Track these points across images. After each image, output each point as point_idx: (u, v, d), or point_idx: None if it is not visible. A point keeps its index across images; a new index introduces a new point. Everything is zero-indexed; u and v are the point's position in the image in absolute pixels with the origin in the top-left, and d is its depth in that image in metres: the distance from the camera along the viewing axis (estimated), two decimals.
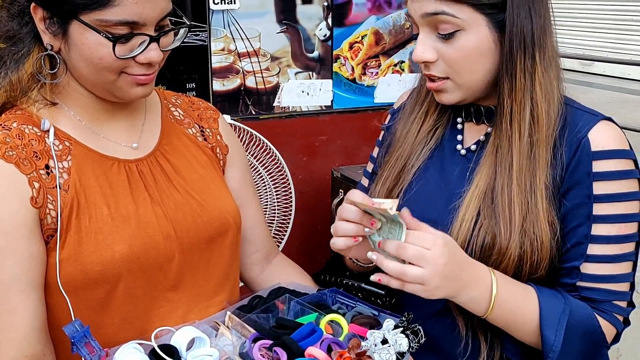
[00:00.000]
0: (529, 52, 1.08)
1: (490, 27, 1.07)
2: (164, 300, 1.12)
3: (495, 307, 1.04)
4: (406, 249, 0.98)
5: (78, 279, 1.03)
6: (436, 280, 0.98)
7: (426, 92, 1.24)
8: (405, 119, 1.26)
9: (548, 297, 1.07)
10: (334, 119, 2.59)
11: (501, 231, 1.08)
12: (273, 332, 1.04)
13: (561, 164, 1.09)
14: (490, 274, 1.05)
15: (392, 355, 0.98)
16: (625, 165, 1.08)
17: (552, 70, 1.11)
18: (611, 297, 1.09)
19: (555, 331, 1.04)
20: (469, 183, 1.14)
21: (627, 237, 1.08)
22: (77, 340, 0.97)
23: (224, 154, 1.27)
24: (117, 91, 1.08)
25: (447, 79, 1.11)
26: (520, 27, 1.07)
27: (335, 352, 0.99)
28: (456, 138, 1.22)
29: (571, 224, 1.09)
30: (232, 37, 2.36)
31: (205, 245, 1.16)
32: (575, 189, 1.08)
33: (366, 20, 2.53)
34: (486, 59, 1.09)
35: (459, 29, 1.06)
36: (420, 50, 1.10)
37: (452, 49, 1.08)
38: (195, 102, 1.30)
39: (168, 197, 1.13)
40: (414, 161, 1.22)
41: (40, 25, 1.04)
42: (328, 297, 1.17)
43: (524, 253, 1.07)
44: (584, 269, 1.08)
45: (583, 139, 1.08)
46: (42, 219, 1.03)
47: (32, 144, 1.05)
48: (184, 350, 1.03)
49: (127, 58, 1.02)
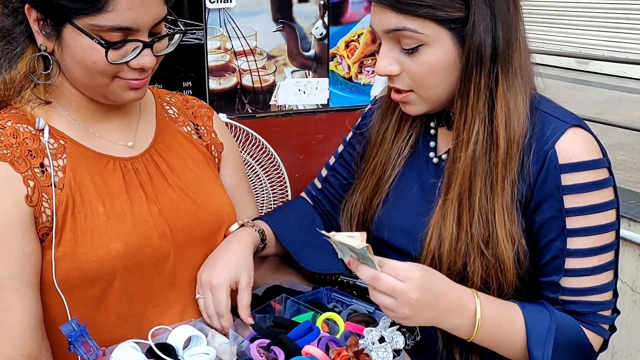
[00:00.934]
0: (486, 69, 1.04)
1: (454, 42, 1.04)
2: (160, 298, 1.12)
3: (480, 331, 1.03)
4: (380, 281, 0.96)
5: (74, 277, 1.03)
6: (405, 311, 0.97)
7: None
8: (378, 126, 1.24)
9: (533, 314, 1.06)
10: (330, 117, 2.58)
11: (462, 254, 1.06)
12: (270, 331, 1.04)
13: (529, 178, 1.06)
14: (474, 297, 1.04)
15: (389, 353, 0.99)
16: (597, 175, 1.05)
17: (518, 84, 1.06)
18: (595, 309, 1.07)
19: (543, 349, 1.03)
20: (438, 196, 1.12)
21: (604, 248, 1.06)
22: (75, 340, 0.97)
23: (219, 151, 1.27)
24: (110, 95, 1.08)
25: (411, 91, 1.08)
26: (479, 43, 1.02)
27: (333, 350, 0.99)
28: (429, 145, 1.19)
29: (545, 238, 1.07)
30: (228, 36, 2.36)
31: (200, 243, 1.16)
32: (546, 203, 1.06)
33: (362, 18, 2.53)
34: (450, 73, 1.06)
35: (422, 43, 1.03)
36: (383, 64, 1.07)
37: (415, 64, 1.05)
38: (190, 100, 1.30)
39: (163, 195, 1.13)
40: (390, 171, 1.20)
41: (34, 26, 1.04)
42: (323, 296, 1.17)
43: (488, 276, 1.06)
44: (564, 282, 1.07)
45: (550, 151, 1.04)
46: (37, 218, 1.03)
47: (26, 142, 1.05)
48: (181, 348, 1.03)
49: (120, 63, 1.02)
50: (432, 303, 0.99)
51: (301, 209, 1.35)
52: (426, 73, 1.05)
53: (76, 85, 1.09)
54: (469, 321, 1.03)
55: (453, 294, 1.02)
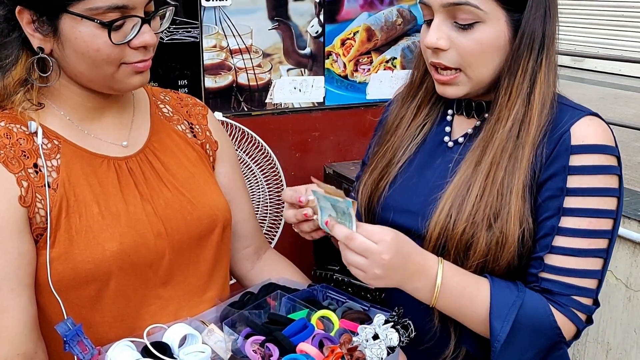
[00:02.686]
0: (534, 55, 1.08)
1: (507, 24, 1.08)
2: (155, 297, 1.12)
3: (440, 297, 1.05)
4: (353, 240, 1.00)
5: (69, 277, 1.03)
6: (376, 272, 1.00)
7: (417, 86, 1.24)
8: (396, 112, 1.27)
9: (500, 289, 1.07)
10: (326, 115, 2.59)
11: (469, 226, 1.08)
12: (265, 328, 1.05)
13: (541, 159, 1.09)
14: (438, 264, 1.06)
15: (382, 350, 0.99)
16: (605, 160, 1.07)
17: (552, 75, 1.11)
18: (570, 292, 1.07)
19: (503, 322, 1.04)
20: (452, 174, 1.14)
21: (597, 232, 1.07)
22: (70, 339, 0.97)
23: (214, 150, 1.27)
24: (116, 84, 1.07)
25: (459, 71, 1.11)
26: (533, 29, 1.07)
27: (327, 348, 0.99)
28: (444, 130, 1.22)
29: (542, 216, 1.09)
30: (224, 34, 2.36)
31: (195, 242, 1.16)
32: (550, 182, 1.08)
33: (358, 16, 2.53)
34: (498, 54, 1.09)
35: (479, 20, 1.06)
36: (435, 36, 1.09)
37: (468, 40, 1.07)
38: (184, 99, 1.30)
39: (158, 195, 1.13)
40: (400, 156, 1.23)
41: (28, 29, 1.03)
42: (319, 293, 1.18)
43: (489, 249, 1.08)
44: (547, 259, 1.07)
45: (565, 133, 1.08)
46: (31, 218, 1.03)
47: (20, 142, 1.05)
48: (176, 347, 1.03)
49: (123, 44, 1.02)
50: (401, 266, 1.02)
51: None
52: (477, 50, 1.08)
53: (79, 80, 1.08)
54: (429, 285, 1.06)
55: (419, 259, 1.05)
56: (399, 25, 2.60)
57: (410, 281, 1.05)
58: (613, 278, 2.35)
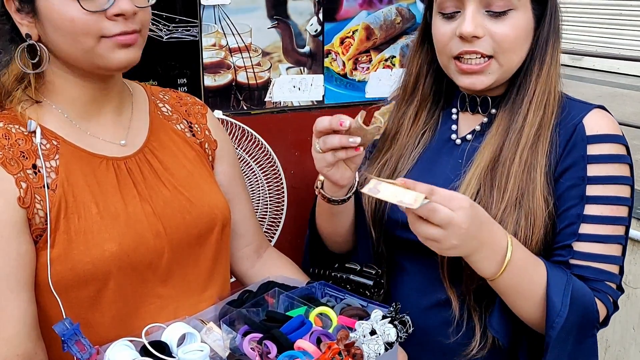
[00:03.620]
0: (557, 45, 1.15)
1: (533, 12, 1.13)
2: (154, 296, 1.12)
3: (505, 272, 1.05)
4: (437, 212, 0.97)
5: (68, 277, 1.03)
6: (454, 242, 0.99)
7: (411, 91, 1.25)
8: (393, 118, 1.27)
9: (554, 268, 1.09)
10: (325, 113, 2.56)
11: (498, 205, 1.10)
12: (263, 325, 1.05)
13: (557, 148, 1.12)
14: (507, 237, 1.06)
15: (380, 345, 0.99)
16: (618, 149, 1.12)
17: (559, 67, 1.17)
18: (603, 277, 1.10)
19: (562, 297, 1.05)
20: (469, 164, 1.16)
21: (617, 219, 1.11)
22: (68, 338, 0.97)
23: (213, 149, 1.27)
24: (100, 59, 1.03)
25: (491, 58, 1.13)
26: (555, 19, 1.14)
27: (324, 344, 1.00)
28: (451, 128, 1.24)
29: (565, 205, 1.12)
30: (223, 33, 2.36)
31: (194, 241, 1.16)
32: (570, 172, 1.11)
33: (357, 15, 2.53)
34: (527, 40, 1.14)
35: (512, 8, 1.10)
36: (472, 26, 1.11)
37: (503, 26, 1.11)
38: (183, 98, 1.30)
39: (157, 194, 1.13)
40: (403, 165, 1.25)
41: (16, 18, 1.03)
42: (317, 290, 1.18)
43: (518, 227, 1.09)
44: (576, 247, 1.10)
45: (578, 125, 1.12)
46: (31, 219, 1.03)
47: (18, 143, 1.05)
48: (175, 346, 1.04)
49: (98, 12, 0.98)
50: (476, 234, 1.01)
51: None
52: (512, 36, 1.12)
53: (67, 60, 1.06)
54: (499, 257, 1.05)
55: (492, 228, 1.05)
56: (398, 23, 2.60)
57: (480, 250, 1.04)
58: None
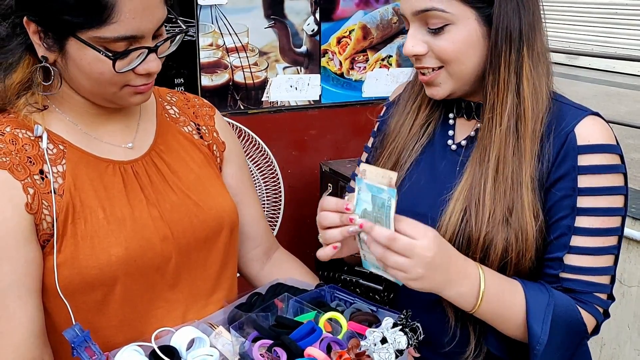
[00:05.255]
0: (515, 47, 1.10)
1: (479, 21, 1.10)
2: (162, 300, 1.12)
3: (483, 303, 1.05)
4: (396, 241, 0.96)
5: (75, 282, 1.03)
6: (419, 271, 0.97)
7: (420, 86, 1.25)
8: (399, 113, 1.28)
9: (533, 291, 1.08)
10: (322, 113, 2.59)
11: (486, 224, 1.09)
12: (272, 331, 1.05)
13: (548, 158, 1.10)
14: (478, 269, 1.06)
15: (391, 354, 0.99)
16: (611, 159, 1.10)
17: (541, 66, 1.13)
18: (592, 289, 1.10)
19: (542, 324, 1.05)
20: (459, 177, 1.15)
21: (609, 230, 1.10)
22: (78, 345, 0.96)
23: (221, 151, 1.26)
24: (118, 100, 1.08)
25: (441, 68, 1.13)
26: (507, 22, 1.09)
27: (334, 353, 0.99)
28: (447, 133, 1.23)
29: (556, 216, 1.11)
30: (220, 33, 2.35)
31: (202, 244, 1.15)
32: (561, 182, 1.10)
33: (354, 15, 2.53)
34: (474, 51, 1.11)
35: (448, 23, 1.09)
36: (410, 44, 1.13)
37: (442, 42, 1.10)
38: (191, 100, 1.29)
39: (164, 198, 1.12)
40: (406, 157, 1.24)
41: (34, 38, 1.02)
42: (326, 294, 1.18)
43: (508, 245, 1.09)
44: (566, 260, 1.10)
45: (570, 134, 1.10)
46: (38, 225, 1.02)
47: (25, 149, 1.04)
48: (184, 350, 1.03)
49: (127, 71, 1.02)
50: (444, 266, 1.00)
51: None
52: (452, 50, 1.10)
53: (82, 94, 1.08)
54: (474, 291, 1.04)
55: (461, 262, 1.04)
56: (395, 23, 2.60)
57: (454, 285, 1.03)
58: None
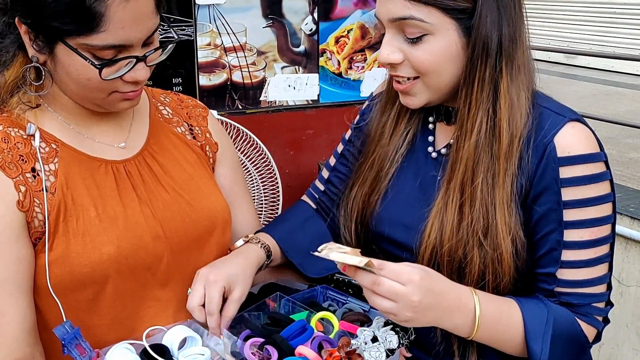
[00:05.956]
0: (492, 62, 1.05)
1: (459, 32, 1.04)
2: (154, 299, 1.12)
3: (480, 329, 1.04)
4: (380, 285, 0.96)
5: (66, 280, 1.03)
6: (408, 314, 0.97)
7: (395, 93, 1.21)
8: (377, 120, 1.24)
9: (530, 309, 1.07)
10: (320, 113, 2.59)
11: (462, 246, 1.07)
12: (264, 330, 1.05)
13: (527, 171, 1.07)
14: (473, 295, 1.04)
15: (382, 352, 0.99)
16: (594, 169, 1.06)
17: (520, 80, 1.07)
18: (589, 300, 1.09)
19: (542, 342, 1.04)
20: (438, 189, 1.12)
21: (599, 240, 1.07)
22: (68, 342, 0.97)
23: (214, 151, 1.27)
24: (106, 105, 1.08)
25: (416, 79, 1.08)
26: (486, 35, 1.04)
27: (325, 351, 1.00)
28: (428, 139, 1.19)
29: (543, 231, 1.08)
30: (218, 32, 2.35)
31: (194, 244, 1.15)
32: (545, 196, 1.07)
33: (352, 14, 2.53)
34: (453, 63, 1.06)
35: (426, 33, 1.04)
36: (385, 52, 1.07)
37: (419, 52, 1.05)
38: (184, 100, 1.29)
39: (156, 197, 1.13)
40: (387, 167, 1.21)
41: (25, 38, 1.02)
42: (319, 294, 1.18)
43: (485, 267, 1.07)
44: (560, 274, 1.08)
45: (549, 144, 1.05)
46: (30, 223, 1.02)
47: (17, 147, 1.04)
48: (176, 349, 1.03)
49: (115, 78, 1.01)
50: (433, 305, 0.99)
51: (304, 215, 1.34)
52: (429, 62, 1.06)
53: (70, 96, 1.08)
54: (469, 320, 1.03)
55: (453, 295, 1.03)
56: None
57: (448, 318, 1.02)
58: None
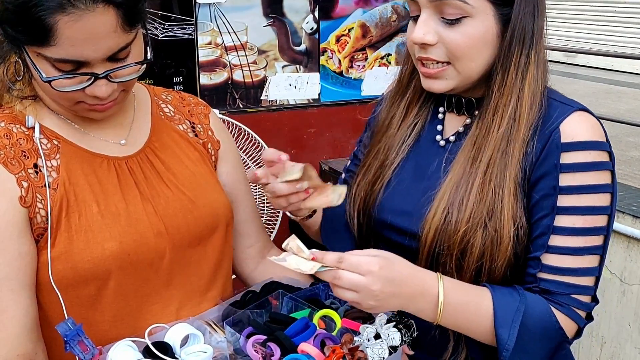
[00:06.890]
0: (525, 50, 1.07)
1: (496, 19, 1.06)
2: (156, 296, 1.12)
3: (444, 314, 1.04)
4: (340, 278, 0.98)
5: (68, 276, 1.03)
6: (371, 303, 0.99)
7: (406, 84, 1.22)
8: (387, 111, 1.25)
9: (502, 296, 1.06)
10: (321, 112, 2.59)
11: (465, 225, 1.07)
12: (267, 327, 1.05)
13: (531, 157, 1.08)
14: (438, 281, 1.05)
15: (384, 349, 0.99)
16: (596, 157, 1.06)
17: (540, 72, 1.10)
18: (570, 291, 1.07)
19: (509, 329, 1.04)
20: (445, 174, 1.13)
21: (592, 230, 1.06)
22: (70, 339, 0.96)
23: (216, 149, 1.27)
24: (77, 112, 1.08)
25: (448, 64, 1.09)
26: (524, 24, 1.06)
27: (328, 348, 1.00)
28: (436, 128, 1.21)
29: (537, 216, 1.08)
30: (219, 31, 2.35)
31: (196, 241, 1.15)
32: (543, 181, 1.07)
33: (353, 13, 2.54)
34: (487, 49, 1.08)
35: (466, 15, 1.05)
36: (422, 32, 1.07)
37: (456, 34, 1.06)
38: (186, 98, 1.29)
39: (159, 194, 1.13)
40: (393, 157, 1.22)
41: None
42: (321, 292, 1.18)
43: (485, 248, 1.07)
44: (544, 259, 1.07)
45: (554, 131, 1.07)
46: (32, 218, 1.02)
47: (20, 143, 1.04)
48: (178, 347, 1.03)
49: (71, 91, 1.00)
50: (395, 292, 1.00)
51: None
52: (465, 45, 1.06)
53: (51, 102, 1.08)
54: (432, 304, 1.04)
55: (417, 280, 1.03)
56: (394, 21, 2.60)
57: (412, 303, 1.03)
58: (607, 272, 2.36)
